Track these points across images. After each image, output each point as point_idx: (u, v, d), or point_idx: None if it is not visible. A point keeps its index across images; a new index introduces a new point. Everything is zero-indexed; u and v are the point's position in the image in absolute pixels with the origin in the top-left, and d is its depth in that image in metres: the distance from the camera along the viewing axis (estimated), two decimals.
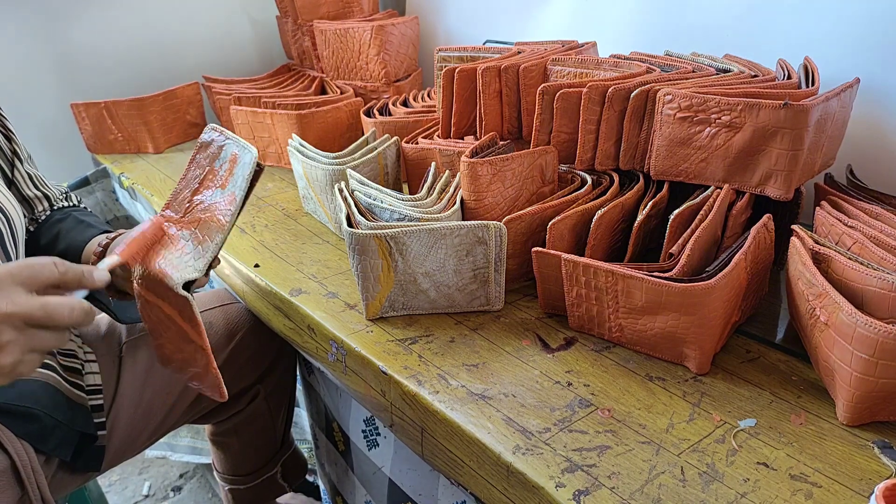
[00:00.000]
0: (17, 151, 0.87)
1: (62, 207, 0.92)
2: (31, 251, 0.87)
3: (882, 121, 0.88)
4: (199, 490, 1.60)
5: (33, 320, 0.54)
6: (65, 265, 0.57)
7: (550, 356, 0.70)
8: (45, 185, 0.91)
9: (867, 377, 0.56)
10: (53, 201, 0.91)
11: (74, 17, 1.43)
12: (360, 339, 0.74)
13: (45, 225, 0.88)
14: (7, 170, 0.85)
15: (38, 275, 0.55)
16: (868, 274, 0.58)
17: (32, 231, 0.88)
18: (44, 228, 0.88)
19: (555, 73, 0.89)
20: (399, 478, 0.88)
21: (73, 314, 0.56)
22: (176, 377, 0.91)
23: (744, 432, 0.59)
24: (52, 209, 0.90)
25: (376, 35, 1.32)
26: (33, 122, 1.43)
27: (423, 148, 0.96)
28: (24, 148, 0.89)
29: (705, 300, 0.61)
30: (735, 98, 0.70)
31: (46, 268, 0.56)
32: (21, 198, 0.87)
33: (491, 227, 0.72)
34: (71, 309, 0.56)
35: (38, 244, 0.86)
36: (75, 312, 0.56)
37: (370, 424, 0.91)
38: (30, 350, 0.54)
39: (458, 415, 0.62)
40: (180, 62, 1.59)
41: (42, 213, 0.89)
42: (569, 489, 0.53)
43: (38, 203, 0.89)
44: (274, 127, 1.26)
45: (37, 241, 0.87)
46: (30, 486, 0.72)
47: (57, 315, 0.55)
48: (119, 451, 0.87)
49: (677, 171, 0.78)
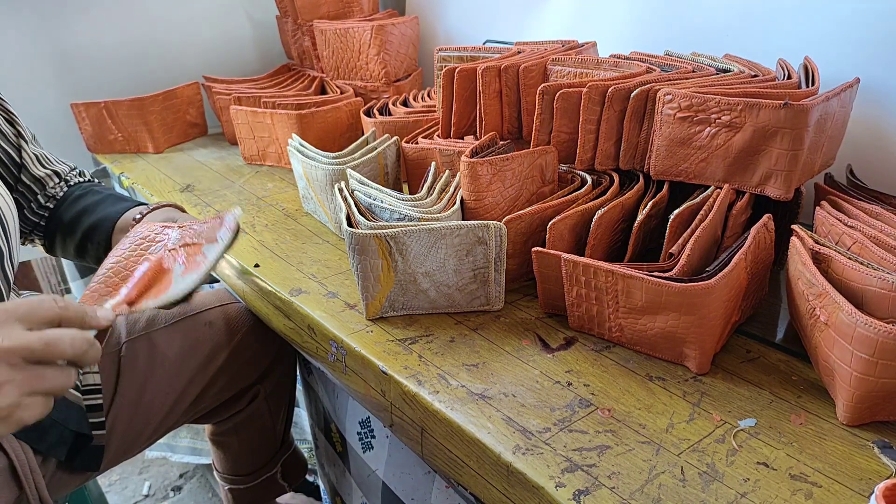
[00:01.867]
0: (22, 133, 0.87)
1: (78, 183, 0.92)
2: (54, 228, 0.87)
3: (882, 121, 0.88)
4: (199, 490, 1.60)
5: (33, 355, 0.50)
6: (65, 301, 0.54)
7: (550, 356, 0.70)
8: (53, 163, 0.91)
9: (867, 377, 0.56)
10: (65, 176, 0.91)
11: (74, 17, 1.43)
12: (360, 338, 0.74)
13: (66, 202, 0.88)
14: (14, 153, 0.85)
15: (36, 310, 0.52)
16: (868, 274, 0.58)
17: (52, 208, 0.88)
18: (65, 205, 0.88)
19: (555, 73, 0.89)
20: (392, 481, 0.87)
21: (76, 344, 0.52)
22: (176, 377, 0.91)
23: (744, 432, 0.59)
24: (66, 185, 0.91)
25: (376, 35, 1.32)
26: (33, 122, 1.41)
27: (423, 148, 0.96)
28: (27, 129, 0.89)
29: (705, 300, 0.61)
30: (735, 98, 0.70)
31: (45, 303, 0.53)
32: (32, 178, 0.87)
33: (491, 226, 0.72)
34: (72, 339, 0.52)
35: (62, 220, 0.86)
36: (77, 342, 0.52)
37: (365, 427, 0.91)
38: (30, 392, 0.50)
39: (458, 415, 0.62)
40: (180, 62, 1.59)
41: (55, 188, 0.89)
42: (569, 489, 0.53)
43: (49, 180, 0.89)
44: (274, 127, 1.26)
45: (59, 218, 0.87)
46: (27, 485, 0.72)
47: (58, 346, 0.51)
48: (119, 450, 0.87)
49: (677, 171, 0.78)
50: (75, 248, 0.88)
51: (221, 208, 1.12)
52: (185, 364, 0.92)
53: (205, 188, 1.22)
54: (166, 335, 0.93)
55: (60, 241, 0.89)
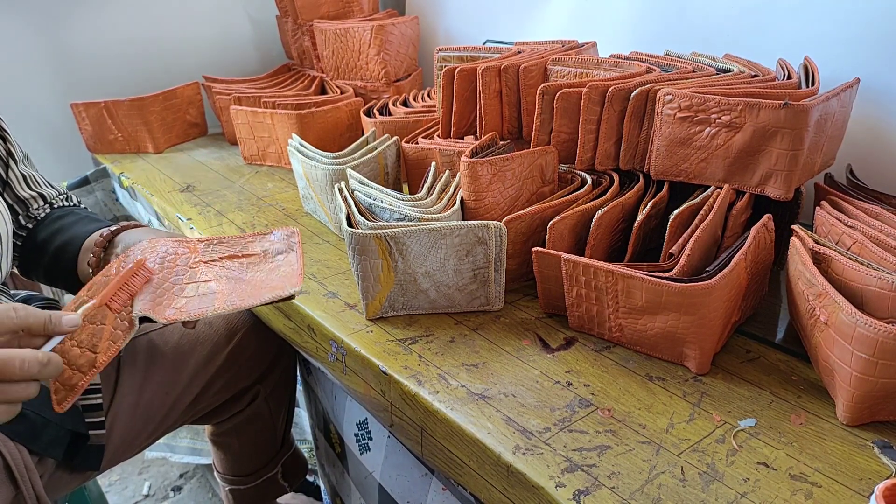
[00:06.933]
0: (12, 152, 0.86)
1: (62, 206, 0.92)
2: (29, 248, 0.86)
3: (882, 121, 0.88)
4: (199, 490, 1.60)
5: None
6: (25, 310, 0.54)
7: (550, 356, 0.70)
8: (41, 185, 0.90)
9: (867, 377, 0.56)
10: (50, 199, 0.91)
11: (74, 17, 1.43)
12: (359, 338, 0.74)
13: (44, 222, 0.88)
14: (1, 171, 0.85)
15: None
16: (868, 274, 0.58)
17: (31, 228, 0.88)
18: (42, 225, 0.87)
19: (555, 73, 0.89)
20: (389, 483, 0.87)
21: (25, 367, 0.51)
22: (176, 377, 0.91)
23: (744, 432, 0.59)
24: (50, 207, 0.90)
25: (376, 35, 1.32)
26: (33, 122, 1.43)
27: (423, 148, 0.96)
28: (19, 148, 0.88)
29: (705, 300, 0.61)
30: (735, 98, 0.70)
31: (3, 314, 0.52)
32: (15, 198, 0.87)
33: (491, 226, 0.72)
34: (22, 361, 0.51)
35: (36, 240, 0.86)
36: (27, 364, 0.52)
37: (362, 428, 0.91)
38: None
39: (458, 415, 0.62)
40: (180, 62, 1.59)
41: (38, 210, 0.89)
42: (569, 489, 0.53)
43: (34, 202, 0.89)
44: (274, 127, 1.26)
45: (34, 238, 0.86)
46: (23, 484, 0.72)
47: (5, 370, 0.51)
48: (118, 450, 0.87)
49: (677, 171, 0.78)
50: (45, 271, 0.86)
51: (221, 208, 1.12)
52: (185, 364, 0.92)
53: (205, 188, 1.22)
54: (166, 335, 0.92)
55: (34, 261, 0.87)
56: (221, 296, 0.67)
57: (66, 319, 0.57)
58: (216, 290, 0.68)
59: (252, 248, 0.74)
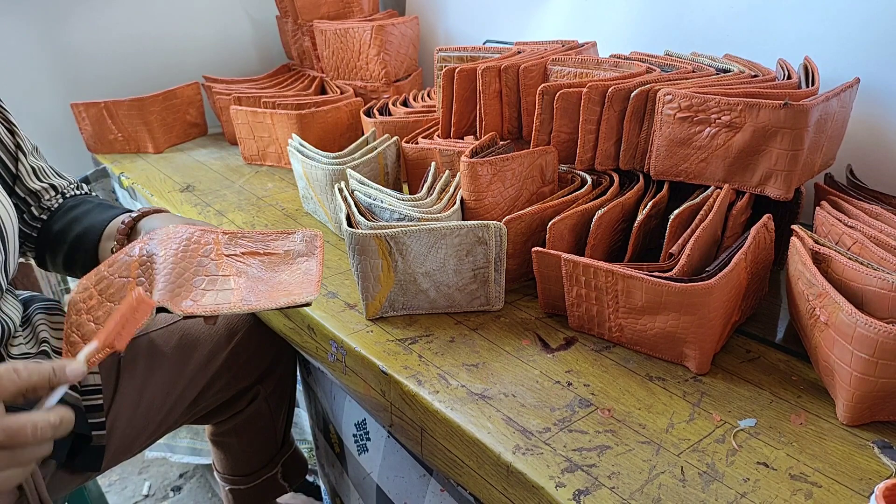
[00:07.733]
0: (21, 145, 0.87)
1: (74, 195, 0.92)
2: (44, 239, 0.87)
3: (882, 121, 0.87)
4: (199, 490, 1.60)
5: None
6: (27, 369, 0.52)
7: (550, 356, 0.70)
8: (51, 176, 0.90)
9: (867, 377, 0.56)
10: (62, 189, 0.91)
11: (74, 17, 1.43)
12: (359, 338, 0.74)
13: (58, 212, 0.88)
14: (11, 164, 0.85)
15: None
16: (868, 274, 0.58)
17: (45, 220, 0.88)
18: (56, 216, 0.87)
19: (555, 73, 0.89)
20: (387, 485, 0.87)
21: (38, 434, 0.50)
22: (176, 377, 0.91)
23: (744, 432, 0.59)
24: (63, 197, 0.90)
25: (376, 35, 1.32)
26: (33, 122, 1.43)
27: (423, 148, 0.96)
28: (27, 140, 0.89)
29: (705, 300, 0.61)
30: (735, 98, 0.70)
31: (5, 377, 0.51)
32: (27, 190, 0.87)
33: (491, 226, 0.72)
34: (34, 427, 0.50)
35: (52, 231, 0.86)
36: (40, 431, 0.50)
37: (361, 429, 0.91)
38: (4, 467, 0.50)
39: (458, 415, 0.62)
40: (180, 62, 1.59)
41: (51, 200, 0.89)
42: (569, 489, 0.53)
43: (45, 193, 0.89)
44: (274, 127, 1.26)
45: (49, 229, 0.86)
46: (27, 486, 0.72)
47: (18, 437, 0.50)
48: (119, 450, 0.87)
49: (677, 171, 0.78)
50: (64, 260, 0.86)
51: (221, 208, 1.12)
52: (185, 364, 0.92)
53: (205, 188, 1.22)
54: (166, 335, 0.92)
55: (50, 252, 0.87)
56: (238, 294, 0.66)
57: (70, 370, 0.55)
58: (233, 287, 0.67)
59: (274, 246, 0.73)
